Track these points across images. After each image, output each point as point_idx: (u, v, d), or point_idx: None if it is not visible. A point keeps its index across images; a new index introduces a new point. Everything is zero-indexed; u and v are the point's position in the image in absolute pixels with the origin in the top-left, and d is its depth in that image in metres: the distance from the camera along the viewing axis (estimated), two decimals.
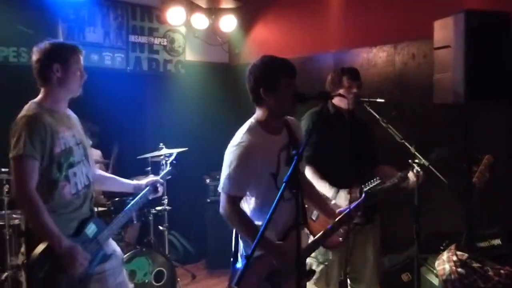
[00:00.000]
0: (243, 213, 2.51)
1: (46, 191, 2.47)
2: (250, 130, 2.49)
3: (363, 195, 2.87)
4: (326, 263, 3.20)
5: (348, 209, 2.73)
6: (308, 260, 3.05)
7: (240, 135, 2.48)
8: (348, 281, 3.34)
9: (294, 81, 2.46)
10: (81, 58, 2.65)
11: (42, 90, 2.59)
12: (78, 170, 2.60)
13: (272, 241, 2.45)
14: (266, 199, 2.47)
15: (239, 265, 2.52)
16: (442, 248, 3.47)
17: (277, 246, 2.46)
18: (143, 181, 3.04)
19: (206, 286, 5.15)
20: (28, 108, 2.51)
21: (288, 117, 2.63)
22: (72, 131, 2.63)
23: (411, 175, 2.94)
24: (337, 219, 2.74)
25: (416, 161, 2.90)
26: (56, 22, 4.86)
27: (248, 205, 2.56)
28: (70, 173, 2.55)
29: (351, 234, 3.03)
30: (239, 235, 2.55)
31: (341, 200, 3.10)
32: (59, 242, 2.40)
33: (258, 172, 2.44)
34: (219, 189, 2.51)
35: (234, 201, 2.48)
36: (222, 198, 2.49)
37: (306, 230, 3.03)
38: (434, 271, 3.33)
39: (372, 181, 3.01)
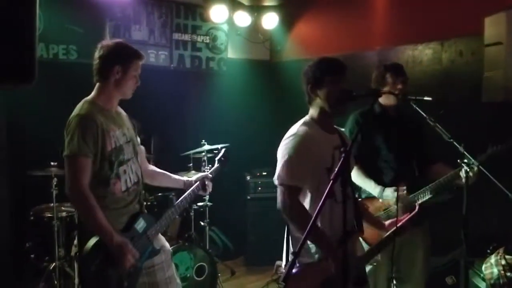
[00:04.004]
0: (302, 206, 2.42)
1: (99, 189, 2.53)
2: (305, 123, 2.52)
3: (416, 208, 2.76)
4: (375, 263, 3.15)
5: (401, 221, 2.65)
6: None
7: (296, 127, 2.50)
8: (394, 281, 3.28)
9: (339, 77, 2.45)
10: (140, 64, 2.68)
11: (97, 86, 2.64)
12: (128, 167, 2.65)
13: (332, 244, 2.38)
14: (320, 195, 2.44)
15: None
16: (489, 251, 3.37)
17: (336, 251, 2.37)
18: (193, 177, 3.07)
19: (245, 282, 5.17)
20: (81, 107, 2.56)
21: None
22: (122, 129, 2.68)
23: (463, 173, 2.87)
24: (390, 231, 2.67)
25: (465, 161, 2.83)
26: (104, 20, 4.99)
27: (302, 200, 2.48)
28: (121, 171, 2.61)
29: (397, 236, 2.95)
30: (290, 236, 2.49)
31: (387, 198, 3.05)
32: (110, 237, 2.46)
33: (314, 164, 2.41)
34: (275, 182, 2.44)
35: (293, 192, 2.40)
36: (280, 191, 2.42)
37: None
38: (481, 275, 3.24)
39: (425, 193, 2.94)
